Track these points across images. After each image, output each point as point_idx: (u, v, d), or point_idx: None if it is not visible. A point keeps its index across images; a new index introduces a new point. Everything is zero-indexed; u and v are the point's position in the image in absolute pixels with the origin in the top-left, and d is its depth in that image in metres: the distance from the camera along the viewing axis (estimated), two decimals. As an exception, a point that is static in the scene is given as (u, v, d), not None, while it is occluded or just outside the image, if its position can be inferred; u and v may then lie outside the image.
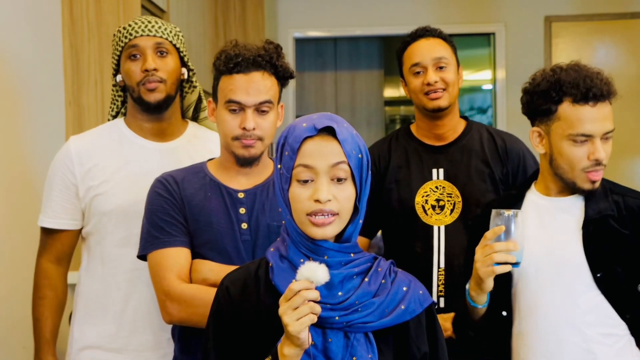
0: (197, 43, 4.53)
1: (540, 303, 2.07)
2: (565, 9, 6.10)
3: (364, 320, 1.59)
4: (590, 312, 2.03)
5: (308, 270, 1.52)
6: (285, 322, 1.49)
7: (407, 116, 7.98)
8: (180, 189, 2.08)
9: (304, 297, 1.48)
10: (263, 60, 2.05)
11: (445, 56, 2.53)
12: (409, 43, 2.58)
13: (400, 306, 1.63)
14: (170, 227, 2.05)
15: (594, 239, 2.04)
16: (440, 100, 2.51)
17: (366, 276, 1.64)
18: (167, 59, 2.32)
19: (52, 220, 2.37)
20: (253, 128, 2.04)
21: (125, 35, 2.31)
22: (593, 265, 2.03)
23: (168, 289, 2.00)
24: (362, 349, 1.59)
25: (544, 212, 2.12)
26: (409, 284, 1.68)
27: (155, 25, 2.32)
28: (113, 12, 3.20)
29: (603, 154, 2.01)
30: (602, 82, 2.03)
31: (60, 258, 2.40)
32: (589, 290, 2.03)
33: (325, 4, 6.33)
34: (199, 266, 2.04)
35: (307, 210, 1.59)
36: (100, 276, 2.35)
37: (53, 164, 2.39)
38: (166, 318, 2.03)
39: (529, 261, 2.05)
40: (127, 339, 2.33)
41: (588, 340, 2.03)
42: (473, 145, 2.57)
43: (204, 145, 2.42)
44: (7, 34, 2.78)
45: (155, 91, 2.30)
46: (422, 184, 2.55)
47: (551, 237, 2.09)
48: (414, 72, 2.54)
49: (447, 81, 2.52)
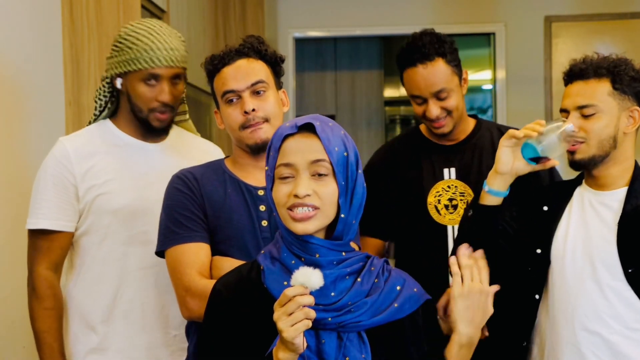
0: (197, 43, 4.53)
1: (571, 292, 2.10)
2: (565, 9, 6.10)
3: (357, 320, 1.59)
4: (620, 306, 2.06)
5: (302, 275, 1.51)
6: (280, 328, 1.49)
7: (407, 116, 7.98)
8: (200, 185, 2.07)
9: (298, 303, 1.48)
10: (245, 48, 2.11)
11: (444, 87, 2.42)
12: (405, 67, 2.46)
13: (394, 304, 1.63)
14: (190, 223, 2.04)
15: (629, 235, 2.07)
16: (444, 127, 2.48)
17: (359, 276, 1.64)
18: (178, 86, 2.34)
19: (51, 222, 2.31)
20: (253, 109, 2.06)
21: (146, 60, 2.27)
22: (625, 260, 2.05)
23: (189, 285, 1.98)
24: (355, 349, 1.59)
25: (587, 206, 2.16)
26: (403, 283, 1.68)
27: (177, 52, 2.30)
28: (113, 12, 3.19)
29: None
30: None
31: (57, 264, 2.35)
32: (620, 285, 2.06)
33: (325, 4, 6.33)
34: (220, 262, 2.03)
35: (286, 205, 1.60)
36: (98, 277, 2.34)
37: (46, 165, 2.35)
38: (186, 314, 2.01)
39: (567, 250, 2.12)
40: (133, 338, 2.32)
41: (615, 333, 2.06)
42: (484, 144, 2.56)
43: (190, 144, 2.46)
44: (7, 34, 2.78)
45: (165, 121, 2.33)
46: (433, 184, 2.54)
47: (589, 230, 2.12)
48: (415, 102, 2.50)
49: (449, 109, 2.46)
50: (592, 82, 2.11)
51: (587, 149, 2.11)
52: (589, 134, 2.10)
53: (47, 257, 2.33)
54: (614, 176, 2.14)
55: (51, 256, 2.33)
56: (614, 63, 2.12)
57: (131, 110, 2.34)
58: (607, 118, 2.10)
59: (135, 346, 2.32)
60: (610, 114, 2.10)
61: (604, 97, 2.10)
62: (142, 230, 2.30)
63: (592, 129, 2.10)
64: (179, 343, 2.32)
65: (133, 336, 2.32)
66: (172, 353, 2.32)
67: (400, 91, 8.02)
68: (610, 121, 2.10)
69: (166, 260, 2.06)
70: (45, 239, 2.33)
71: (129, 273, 2.32)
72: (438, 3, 6.24)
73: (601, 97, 2.10)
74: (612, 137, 2.11)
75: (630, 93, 2.11)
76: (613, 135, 2.11)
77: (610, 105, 2.10)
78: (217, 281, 1.72)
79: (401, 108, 8.11)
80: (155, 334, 2.32)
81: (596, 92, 2.11)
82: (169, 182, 2.10)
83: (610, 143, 2.11)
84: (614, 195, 2.14)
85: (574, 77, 2.16)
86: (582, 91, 2.12)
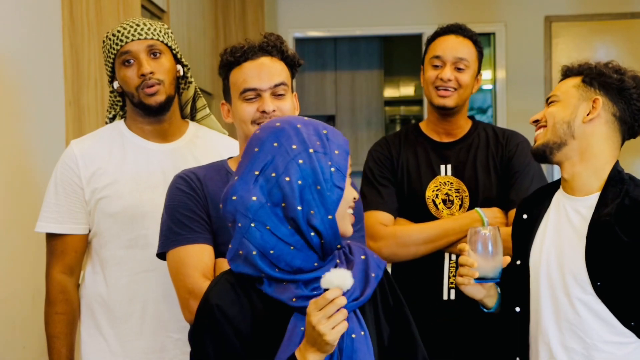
0: (197, 43, 4.53)
1: (546, 305, 2.04)
2: (565, 9, 6.10)
3: (352, 297, 1.59)
4: (592, 320, 1.99)
5: (337, 277, 1.52)
6: (321, 332, 1.48)
7: (407, 116, 7.98)
8: (203, 186, 2.01)
9: (338, 305, 1.48)
10: (268, 46, 2.05)
11: (467, 58, 2.56)
12: (439, 34, 2.61)
13: (371, 274, 1.65)
14: (193, 224, 1.98)
15: (596, 246, 1.99)
16: (448, 99, 2.55)
17: (337, 257, 1.67)
18: (161, 60, 2.30)
19: (58, 226, 2.31)
20: (273, 110, 2.00)
21: (116, 42, 2.28)
22: (593, 273, 1.98)
23: (192, 287, 1.92)
24: (355, 326, 1.60)
25: (562, 212, 2.09)
26: (364, 251, 1.71)
27: (145, 27, 2.29)
28: (113, 12, 3.19)
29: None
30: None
31: (72, 267, 2.33)
32: (589, 298, 1.99)
33: (325, 4, 6.33)
34: (224, 265, 1.97)
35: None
36: (103, 280, 2.33)
37: (57, 169, 2.35)
38: (188, 317, 1.96)
39: (542, 262, 2.05)
40: (134, 342, 2.31)
41: (589, 347, 1.99)
42: (479, 143, 2.61)
43: (207, 144, 2.40)
44: (7, 34, 2.78)
45: (155, 94, 2.28)
46: (431, 179, 2.58)
47: (561, 240, 2.06)
48: (433, 64, 2.58)
49: (460, 82, 2.55)
50: (568, 79, 2.12)
51: (543, 134, 2.08)
52: (547, 119, 2.08)
53: (61, 260, 2.32)
54: (584, 178, 2.06)
55: (65, 259, 2.33)
56: (593, 65, 2.11)
57: (130, 103, 2.34)
58: (563, 104, 2.07)
59: (134, 350, 2.31)
60: (566, 101, 2.07)
61: (568, 89, 2.09)
62: (142, 233, 2.29)
63: (548, 113, 2.08)
64: (180, 347, 2.30)
65: (132, 340, 2.31)
66: (173, 357, 2.31)
67: (400, 91, 8.02)
68: (565, 106, 2.06)
69: (168, 262, 2.01)
70: (59, 242, 2.33)
71: (129, 276, 2.31)
72: (438, 3, 6.24)
73: (565, 89, 2.09)
74: (566, 122, 2.05)
75: (598, 86, 2.06)
76: (567, 121, 2.04)
77: (570, 94, 2.07)
78: (209, 297, 1.65)
79: (401, 108, 8.10)
80: (155, 338, 2.31)
81: (564, 85, 2.11)
82: (171, 182, 2.06)
83: (563, 128, 2.05)
84: (586, 201, 2.05)
85: (562, 77, 2.17)
86: (556, 88, 2.14)
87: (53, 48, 3.10)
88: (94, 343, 2.34)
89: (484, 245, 2.00)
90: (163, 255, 2.03)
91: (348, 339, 1.58)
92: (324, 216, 1.58)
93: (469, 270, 2.01)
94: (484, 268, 2.00)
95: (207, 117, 2.50)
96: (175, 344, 2.30)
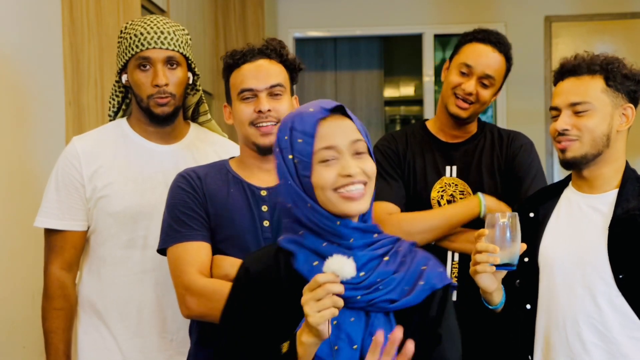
0: (197, 43, 4.53)
1: (562, 301, 2.04)
2: (565, 9, 6.10)
3: (386, 298, 1.59)
4: (612, 313, 2.00)
5: (335, 263, 1.51)
6: (306, 312, 1.49)
7: (407, 116, 7.97)
8: (203, 184, 2.09)
9: (327, 290, 1.48)
10: (268, 49, 2.12)
11: (494, 77, 2.53)
12: (477, 39, 2.56)
13: (419, 282, 1.63)
14: (192, 221, 2.05)
15: (620, 240, 2.01)
16: (464, 111, 2.54)
17: (386, 255, 1.65)
18: (177, 72, 2.31)
19: (57, 222, 2.32)
20: (268, 110, 2.07)
21: (137, 44, 2.28)
22: (616, 266, 1.99)
23: (188, 283, 2.00)
24: (381, 328, 1.58)
25: (575, 209, 2.10)
26: (428, 262, 1.68)
27: (168, 36, 2.29)
28: (113, 12, 3.19)
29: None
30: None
31: (71, 264, 2.35)
32: (611, 291, 2.00)
33: (325, 4, 6.33)
34: (220, 261, 2.04)
35: (334, 186, 1.60)
36: (100, 278, 2.34)
37: (58, 165, 2.36)
38: (185, 312, 2.03)
39: (556, 257, 2.06)
40: (129, 340, 2.32)
41: (609, 342, 2.00)
42: (485, 145, 2.61)
43: (208, 147, 2.42)
44: (7, 33, 2.78)
45: (165, 105, 2.30)
46: (437, 179, 2.59)
47: (579, 235, 2.07)
48: (461, 69, 2.54)
49: (480, 98, 2.53)
50: (585, 78, 2.06)
51: (579, 147, 2.04)
52: (582, 131, 2.04)
53: (60, 256, 2.34)
54: (605, 177, 2.08)
55: (64, 255, 2.34)
56: (607, 60, 2.07)
57: (137, 104, 2.34)
58: (601, 115, 2.04)
59: (131, 349, 2.32)
60: (603, 112, 2.04)
61: (598, 94, 2.04)
62: (141, 234, 2.30)
63: (586, 127, 2.04)
64: (177, 347, 2.31)
65: (128, 339, 2.32)
66: (169, 358, 2.32)
67: (400, 91, 8.02)
68: (603, 119, 2.04)
69: (167, 258, 2.08)
70: (59, 238, 2.34)
71: (126, 276, 2.31)
72: (438, 3, 6.24)
73: (594, 94, 2.04)
74: (606, 135, 2.04)
75: (623, 91, 2.06)
76: (607, 134, 2.04)
77: (604, 102, 2.04)
78: (244, 259, 1.72)
79: (401, 108, 8.10)
80: (151, 337, 2.32)
81: (589, 88, 2.05)
82: (173, 181, 2.12)
83: (603, 141, 2.05)
84: (604, 198, 2.08)
85: (565, 73, 2.10)
86: (574, 88, 2.07)
87: (53, 48, 3.10)
88: (90, 339, 2.35)
89: (502, 231, 1.95)
90: (164, 251, 2.09)
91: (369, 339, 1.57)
92: (303, 207, 1.63)
93: (489, 256, 1.91)
94: (502, 254, 1.94)
95: (208, 122, 2.51)
96: (171, 344, 2.31)
